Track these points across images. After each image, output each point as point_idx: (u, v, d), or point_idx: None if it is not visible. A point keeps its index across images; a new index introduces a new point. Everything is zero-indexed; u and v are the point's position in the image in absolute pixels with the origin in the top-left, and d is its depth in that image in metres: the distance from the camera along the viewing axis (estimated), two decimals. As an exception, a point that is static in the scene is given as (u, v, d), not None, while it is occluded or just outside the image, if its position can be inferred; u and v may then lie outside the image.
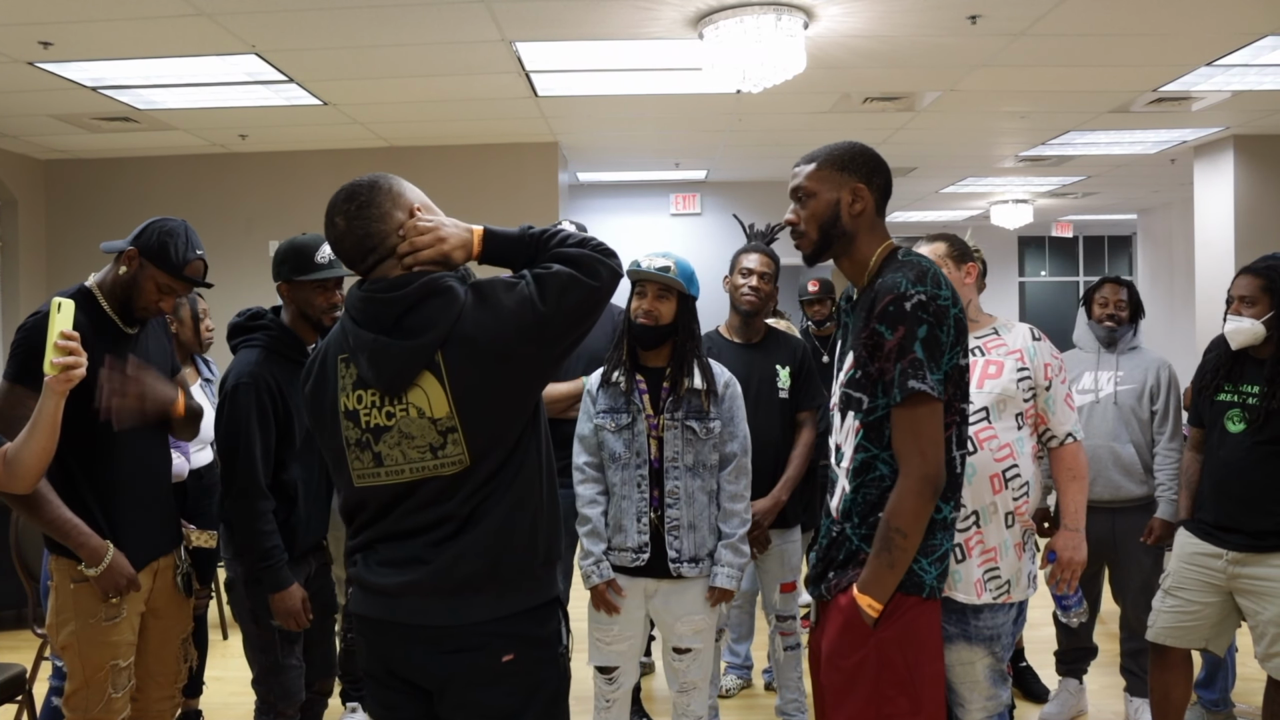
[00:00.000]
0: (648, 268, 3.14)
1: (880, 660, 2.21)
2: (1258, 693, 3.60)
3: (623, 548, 3.14)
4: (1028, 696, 4.40)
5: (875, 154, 2.35)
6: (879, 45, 5.46)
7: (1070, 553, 3.11)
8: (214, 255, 3.11)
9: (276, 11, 4.80)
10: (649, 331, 3.15)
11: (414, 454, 2.05)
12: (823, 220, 2.32)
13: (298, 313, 3.05)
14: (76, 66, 5.59)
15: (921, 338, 2.15)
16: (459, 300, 2.04)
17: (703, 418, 3.16)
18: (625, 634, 3.19)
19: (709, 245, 9.90)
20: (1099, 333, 4.07)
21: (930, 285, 2.19)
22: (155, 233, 2.73)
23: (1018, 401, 2.95)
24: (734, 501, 3.21)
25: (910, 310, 2.16)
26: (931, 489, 2.16)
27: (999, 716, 2.96)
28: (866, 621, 2.20)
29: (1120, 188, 11.29)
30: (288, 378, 2.96)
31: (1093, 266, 16.27)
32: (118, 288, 2.75)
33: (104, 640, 2.72)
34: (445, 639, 2.07)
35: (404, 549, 2.09)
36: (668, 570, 3.13)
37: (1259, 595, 3.33)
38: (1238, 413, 3.39)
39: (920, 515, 2.17)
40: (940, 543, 2.25)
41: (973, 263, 3.09)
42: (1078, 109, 7.11)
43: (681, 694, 3.27)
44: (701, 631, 3.20)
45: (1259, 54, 5.68)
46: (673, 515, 3.12)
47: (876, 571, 2.19)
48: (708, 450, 3.17)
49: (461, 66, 5.85)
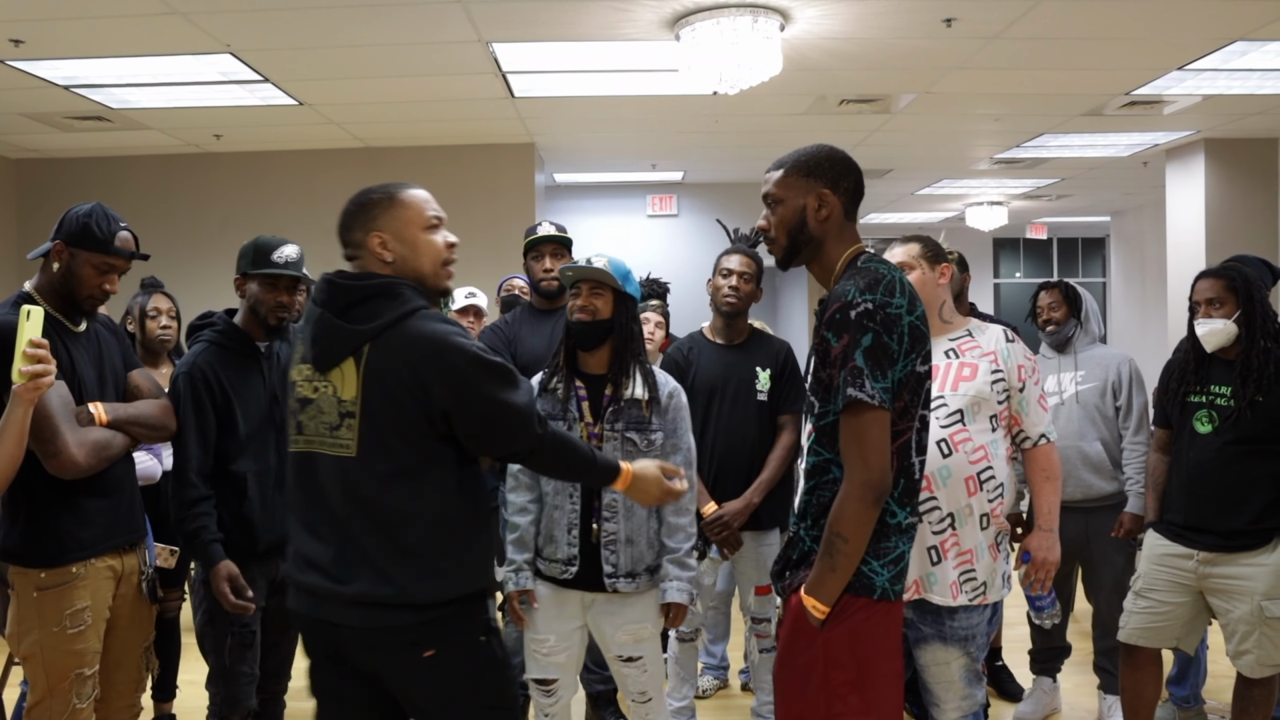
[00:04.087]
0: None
1: (829, 660, 2.21)
2: (1228, 689, 3.64)
3: (552, 559, 3.03)
4: (1002, 695, 4.43)
5: (844, 157, 2.34)
6: (855, 47, 5.49)
7: (1045, 553, 3.13)
8: (188, 256, 3.11)
9: (251, 10, 4.77)
10: (586, 328, 3.02)
11: (321, 427, 2.26)
12: (790, 226, 2.33)
13: (250, 308, 3.09)
14: (48, 65, 5.54)
15: (865, 346, 2.14)
16: (408, 308, 2.21)
17: (644, 429, 3.03)
18: (561, 646, 3.07)
19: (686, 247, 9.91)
20: (1046, 338, 4.18)
21: (881, 293, 2.17)
22: (73, 220, 2.70)
23: (992, 403, 2.97)
24: (678, 515, 3.07)
25: (855, 319, 2.15)
26: (874, 495, 2.15)
27: (974, 716, 2.99)
28: (813, 623, 2.21)
29: (1094, 190, 11.38)
30: (231, 371, 3.04)
31: (1067, 268, 16.39)
32: (56, 285, 2.71)
33: (68, 649, 2.65)
34: (363, 637, 2.24)
35: (309, 545, 2.28)
36: (603, 584, 3.01)
37: (1229, 594, 3.37)
38: (1206, 413, 3.43)
39: (862, 520, 2.15)
40: (895, 545, 2.24)
41: (946, 264, 3.11)
42: (1052, 112, 7.17)
43: (637, 704, 3.18)
44: (644, 640, 3.09)
45: (1229, 59, 5.74)
46: (610, 529, 3.00)
47: (820, 574, 2.20)
48: None
49: (438, 67, 5.84)
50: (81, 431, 2.63)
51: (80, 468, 2.60)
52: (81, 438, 2.62)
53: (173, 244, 7.20)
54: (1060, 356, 4.12)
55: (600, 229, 9.96)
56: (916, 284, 2.94)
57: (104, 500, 2.76)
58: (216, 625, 3.00)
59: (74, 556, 2.68)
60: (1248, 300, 3.36)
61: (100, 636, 2.75)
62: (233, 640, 3.00)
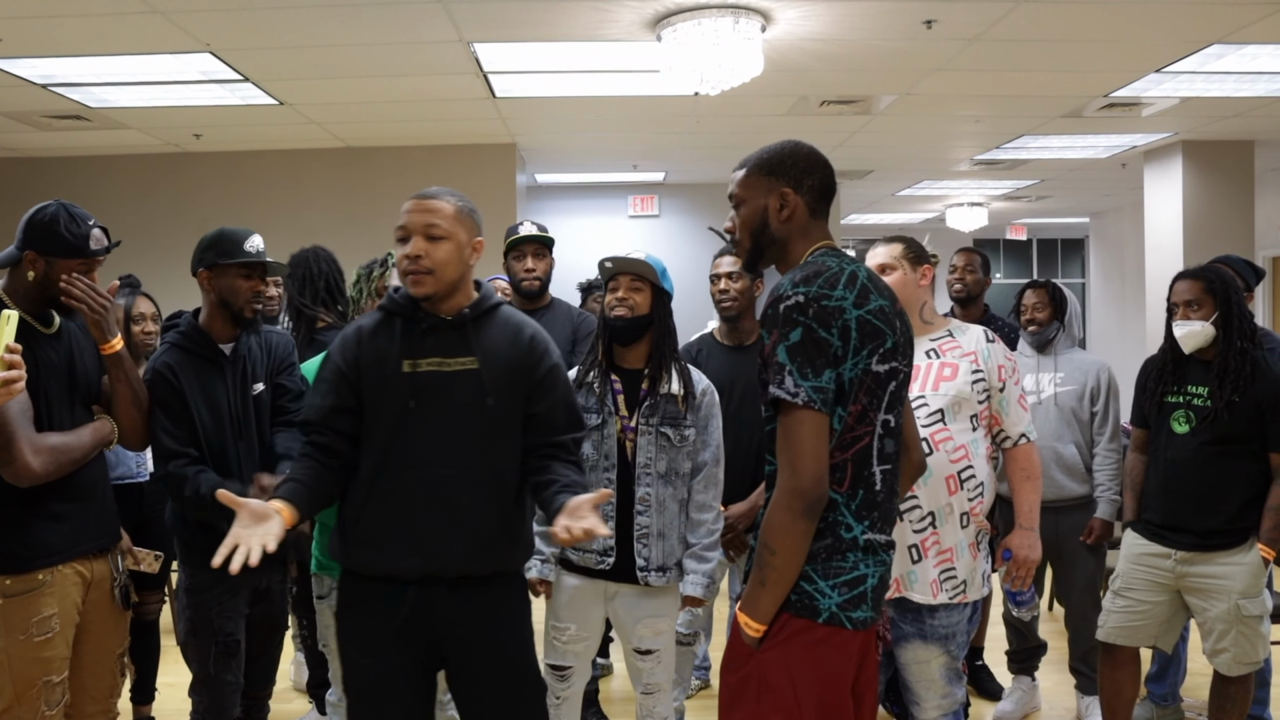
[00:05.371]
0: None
1: (761, 681, 2.05)
2: (1205, 687, 3.67)
3: (588, 549, 3.04)
4: (983, 694, 4.45)
5: (809, 153, 2.22)
6: (836, 49, 5.50)
7: (1026, 551, 3.14)
8: (167, 257, 3.08)
9: (231, 10, 4.75)
10: (626, 324, 3.04)
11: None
12: (753, 228, 2.22)
13: (217, 303, 2.95)
14: (26, 63, 5.50)
15: (791, 342, 2.00)
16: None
17: (678, 425, 3.07)
18: (582, 634, 3.12)
19: (667, 247, 9.89)
20: (1027, 338, 4.19)
21: (819, 286, 2.02)
22: (40, 227, 2.62)
23: (972, 403, 2.99)
24: (702, 511, 3.13)
25: (783, 312, 2.01)
26: (802, 504, 1.96)
27: (954, 714, 3.00)
28: (747, 641, 2.07)
29: (1073, 191, 11.45)
30: (190, 372, 2.90)
31: (1046, 269, 16.47)
32: (33, 291, 2.64)
33: (35, 656, 2.59)
34: None
35: None
36: (634, 576, 3.05)
37: (1207, 593, 3.39)
38: (1183, 414, 3.45)
39: (789, 532, 1.97)
40: (851, 565, 2.04)
41: (928, 265, 3.12)
42: (1031, 113, 7.21)
43: (646, 695, 3.22)
44: (662, 633, 3.14)
45: (1206, 61, 5.79)
46: (643, 522, 3.03)
47: (751, 589, 2.06)
48: (681, 458, 3.09)
49: (419, 67, 5.83)
50: (39, 437, 2.56)
51: (36, 475, 2.53)
52: (38, 444, 2.54)
53: (152, 244, 7.16)
54: (1040, 357, 4.14)
55: (582, 229, 9.96)
56: (897, 285, 2.95)
57: (73, 505, 2.69)
58: (200, 636, 2.93)
59: (41, 563, 2.61)
60: (1225, 302, 3.39)
61: (69, 643, 2.69)
62: (217, 650, 2.93)
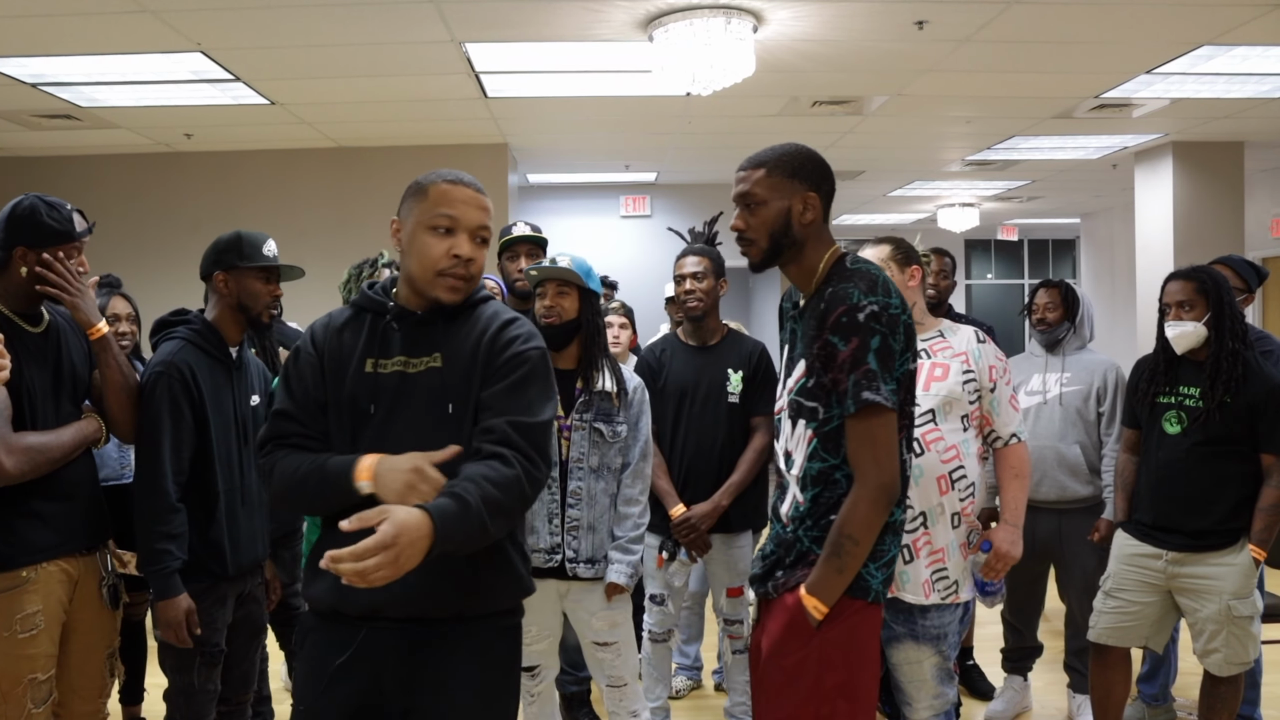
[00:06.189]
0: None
1: (821, 661, 2.19)
2: (1196, 687, 3.68)
3: (535, 549, 3.13)
4: (974, 694, 4.45)
5: (821, 159, 2.32)
6: (827, 49, 5.51)
7: (1007, 546, 3.14)
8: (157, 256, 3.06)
9: (223, 9, 4.73)
10: (555, 330, 3.14)
11: None
12: (774, 229, 2.27)
13: (232, 306, 2.93)
14: (16, 62, 5.48)
15: (875, 348, 2.15)
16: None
17: (610, 420, 3.20)
18: (543, 634, 3.22)
19: (659, 247, 9.86)
20: (1037, 337, 4.17)
21: (881, 294, 2.18)
22: (23, 222, 2.61)
23: (963, 403, 2.99)
24: (629, 505, 3.24)
25: (864, 321, 2.15)
26: (887, 498, 2.15)
27: (946, 714, 3.01)
28: (810, 622, 2.19)
29: (1064, 192, 11.47)
30: (206, 372, 2.86)
31: (1037, 269, 16.50)
32: (21, 289, 2.63)
33: (20, 654, 2.57)
34: None
35: None
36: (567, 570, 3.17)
37: (1198, 594, 3.40)
38: (1174, 414, 3.46)
39: (873, 524, 2.16)
40: (888, 548, 2.23)
41: (916, 265, 3.12)
42: (1022, 114, 7.22)
43: (612, 688, 3.32)
44: (618, 625, 3.24)
45: (1196, 63, 5.80)
46: (573, 515, 3.16)
47: (825, 575, 2.18)
48: (613, 454, 3.22)
49: (411, 67, 5.82)
50: (15, 437, 2.53)
51: (9, 474, 2.50)
52: (14, 444, 2.51)
53: (142, 244, 7.15)
54: (1048, 356, 4.13)
55: (573, 229, 9.95)
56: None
57: (58, 504, 2.67)
58: (180, 646, 2.83)
59: (24, 560, 2.59)
60: (1218, 303, 3.39)
61: (55, 641, 2.67)
62: (201, 660, 2.86)
